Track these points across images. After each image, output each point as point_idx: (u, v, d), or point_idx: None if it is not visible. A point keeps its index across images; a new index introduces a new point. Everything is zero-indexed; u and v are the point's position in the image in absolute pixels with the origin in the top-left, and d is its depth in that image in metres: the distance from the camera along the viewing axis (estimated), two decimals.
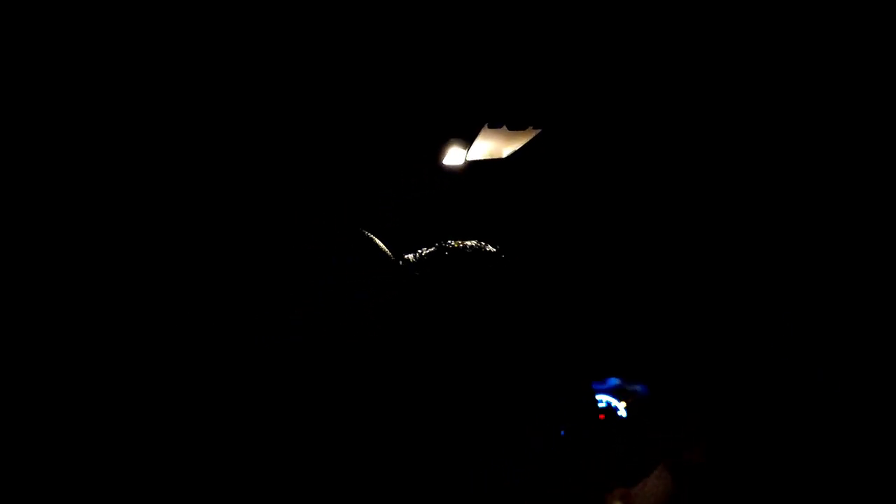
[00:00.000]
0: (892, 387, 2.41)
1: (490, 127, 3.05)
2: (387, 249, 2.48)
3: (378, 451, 2.57)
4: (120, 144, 2.71)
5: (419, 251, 2.66)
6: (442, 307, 2.59)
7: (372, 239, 2.41)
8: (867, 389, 2.44)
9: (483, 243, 2.78)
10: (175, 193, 2.80)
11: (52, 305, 2.55)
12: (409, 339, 2.64)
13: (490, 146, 3.18)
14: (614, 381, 3.07)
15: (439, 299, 2.62)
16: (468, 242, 2.76)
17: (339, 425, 2.62)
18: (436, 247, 2.67)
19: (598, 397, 2.99)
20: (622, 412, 2.92)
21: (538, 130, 3.12)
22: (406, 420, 2.72)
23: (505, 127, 3.07)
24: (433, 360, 2.73)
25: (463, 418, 2.77)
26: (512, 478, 2.42)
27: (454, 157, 3.18)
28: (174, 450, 2.45)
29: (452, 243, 2.72)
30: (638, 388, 2.95)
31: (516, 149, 3.18)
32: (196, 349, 2.65)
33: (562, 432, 2.75)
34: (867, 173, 2.62)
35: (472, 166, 3.23)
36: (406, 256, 2.53)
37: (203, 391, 2.59)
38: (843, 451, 2.34)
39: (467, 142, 3.13)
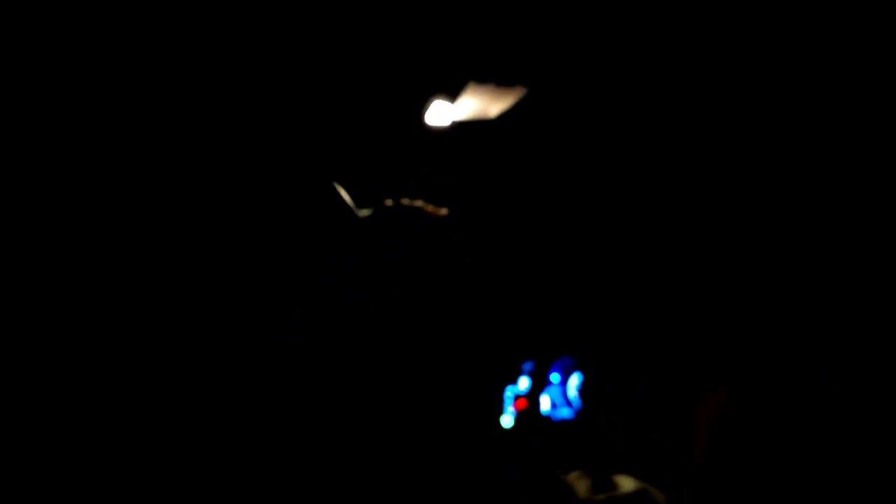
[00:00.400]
0: (892, 387, 2.40)
1: (477, 84, 2.91)
2: (350, 202, 2.44)
3: (378, 451, 2.56)
4: (118, 145, 2.71)
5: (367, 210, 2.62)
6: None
7: (340, 195, 2.38)
8: (867, 389, 2.44)
9: (427, 205, 2.71)
10: (174, 194, 2.79)
11: (55, 305, 2.55)
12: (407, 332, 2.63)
13: (478, 105, 3.04)
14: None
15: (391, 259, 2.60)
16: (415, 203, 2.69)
17: (339, 424, 2.62)
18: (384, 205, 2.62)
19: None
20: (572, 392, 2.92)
21: (526, 90, 2.98)
22: (406, 419, 2.71)
23: (493, 84, 2.93)
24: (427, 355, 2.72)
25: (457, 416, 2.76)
26: (512, 477, 2.42)
27: (439, 115, 3.04)
28: (175, 448, 2.45)
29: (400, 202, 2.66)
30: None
31: (506, 109, 3.05)
32: (197, 349, 2.65)
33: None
34: (867, 173, 2.62)
35: (458, 126, 3.11)
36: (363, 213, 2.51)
37: (204, 390, 2.59)
38: (844, 451, 2.33)
39: (453, 99, 3.00)
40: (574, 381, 2.95)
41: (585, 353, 2.91)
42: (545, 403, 2.91)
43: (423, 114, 2.95)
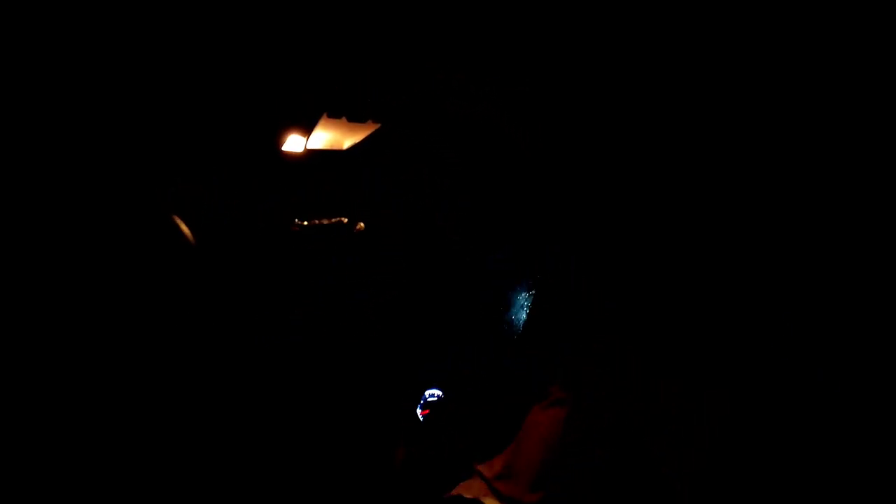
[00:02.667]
0: (892, 387, 2.40)
1: (329, 116, 3.02)
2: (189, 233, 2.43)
3: (377, 449, 2.56)
4: (113, 147, 2.70)
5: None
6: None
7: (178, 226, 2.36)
8: (867, 389, 2.44)
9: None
10: (173, 193, 2.79)
11: (54, 305, 2.55)
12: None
13: (330, 136, 3.17)
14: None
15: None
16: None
17: (338, 423, 2.62)
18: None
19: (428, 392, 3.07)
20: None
21: (377, 125, 3.09)
22: (405, 418, 2.71)
23: (345, 118, 3.04)
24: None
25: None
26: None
27: (294, 143, 3.15)
28: (176, 448, 2.44)
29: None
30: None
31: (357, 141, 3.17)
32: (197, 349, 2.65)
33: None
34: (867, 173, 2.62)
35: (313, 154, 3.20)
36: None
37: (204, 390, 2.59)
38: (844, 451, 2.34)
39: (307, 130, 3.12)
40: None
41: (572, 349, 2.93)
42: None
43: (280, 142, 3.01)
